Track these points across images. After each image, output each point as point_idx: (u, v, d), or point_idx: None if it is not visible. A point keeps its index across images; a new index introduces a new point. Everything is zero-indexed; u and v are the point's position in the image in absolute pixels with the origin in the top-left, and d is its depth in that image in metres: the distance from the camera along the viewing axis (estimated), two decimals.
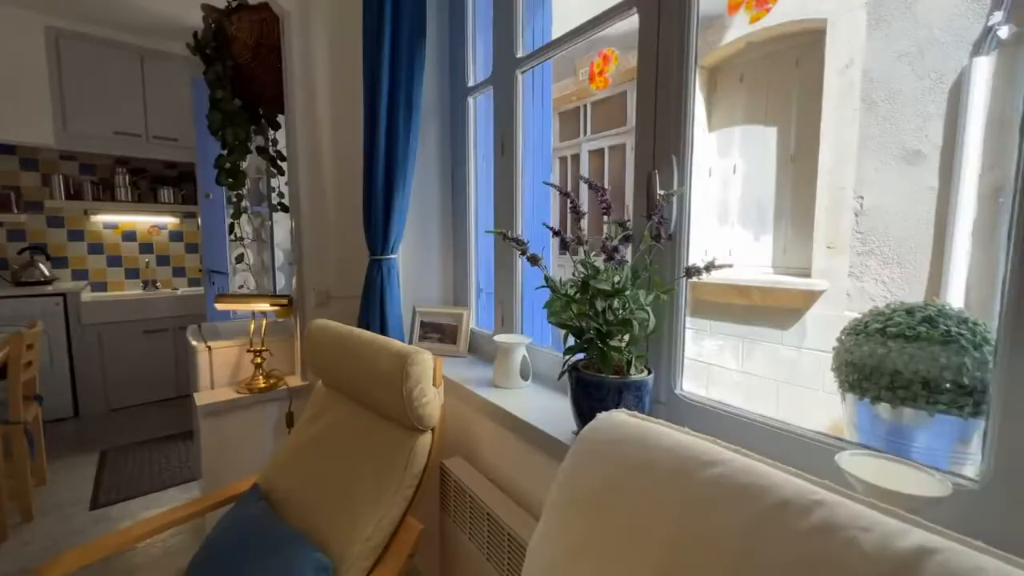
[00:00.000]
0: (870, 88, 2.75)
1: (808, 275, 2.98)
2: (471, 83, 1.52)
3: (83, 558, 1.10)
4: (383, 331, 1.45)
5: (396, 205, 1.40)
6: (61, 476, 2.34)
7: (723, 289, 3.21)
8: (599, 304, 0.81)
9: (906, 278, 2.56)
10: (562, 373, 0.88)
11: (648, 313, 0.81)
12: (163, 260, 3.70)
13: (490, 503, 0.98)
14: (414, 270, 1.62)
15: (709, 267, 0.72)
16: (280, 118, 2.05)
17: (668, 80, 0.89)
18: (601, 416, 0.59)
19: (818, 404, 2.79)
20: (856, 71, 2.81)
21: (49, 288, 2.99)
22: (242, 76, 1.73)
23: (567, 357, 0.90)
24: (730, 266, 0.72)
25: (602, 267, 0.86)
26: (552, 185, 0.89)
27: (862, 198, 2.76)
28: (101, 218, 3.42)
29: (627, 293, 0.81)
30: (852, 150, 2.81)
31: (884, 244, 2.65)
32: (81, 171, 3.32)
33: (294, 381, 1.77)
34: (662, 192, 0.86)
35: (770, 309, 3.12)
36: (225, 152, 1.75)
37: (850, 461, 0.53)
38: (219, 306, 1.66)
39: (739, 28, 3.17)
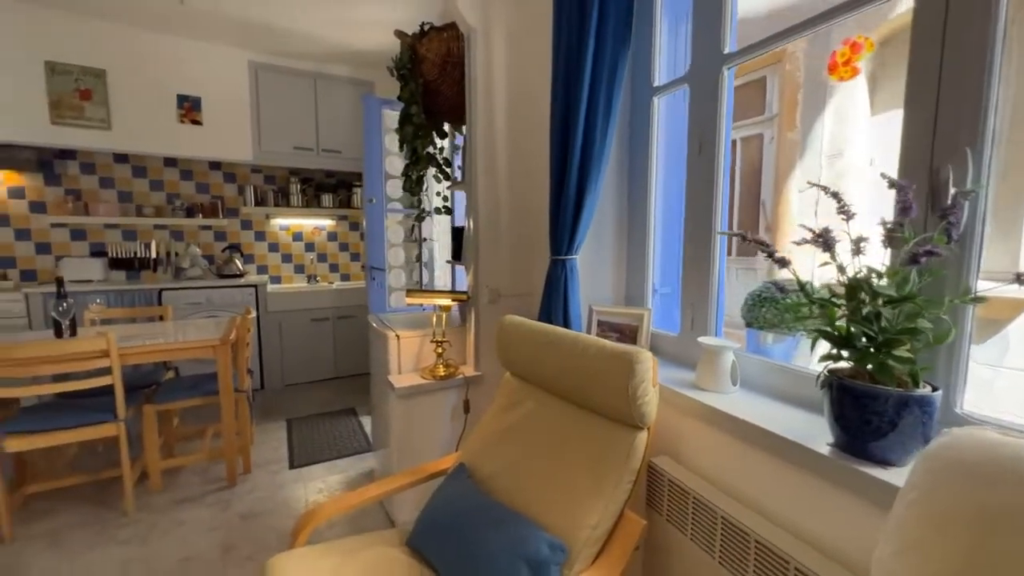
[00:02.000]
0: None
1: (1016, 280, 2.50)
2: (657, 83, 1.51)
3: (334, 509, 1.30)
4: (566, 328, 1.50)
5: (585, 207, 1.44)
6: (262, 439, 2.80)
7: None
8: (883, 311, 0.76)
9: None
10: (825, 383, 0.84)
11: (949, 322, 0.74)
12: (321, 257, 4.24)
13: (725, 507, 0.97)
14: (588, 269, 1.66)
15: None
16: (446, 127, 2.23)
17: (959, 64, 0.80)
18: (955, 433, 0.56)
19: None
20: None
21: (242, 280, 3.57)
22: (428, 92, 1.90)
23: (826, 364, 0.86)
24: None
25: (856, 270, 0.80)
26: (817, 186, 0.85)
27: None
28: (278, 221, 4.01)
29: (918, 300, 0.75)
30: None
31: None
32: (265, 181, 3.92)
33: (467, 370, 1.92)
34: (955, 190, 0.78)
35: None
36: (412, 162, 1.94)
37: None
38: (408, 300, 1.86)
39: None
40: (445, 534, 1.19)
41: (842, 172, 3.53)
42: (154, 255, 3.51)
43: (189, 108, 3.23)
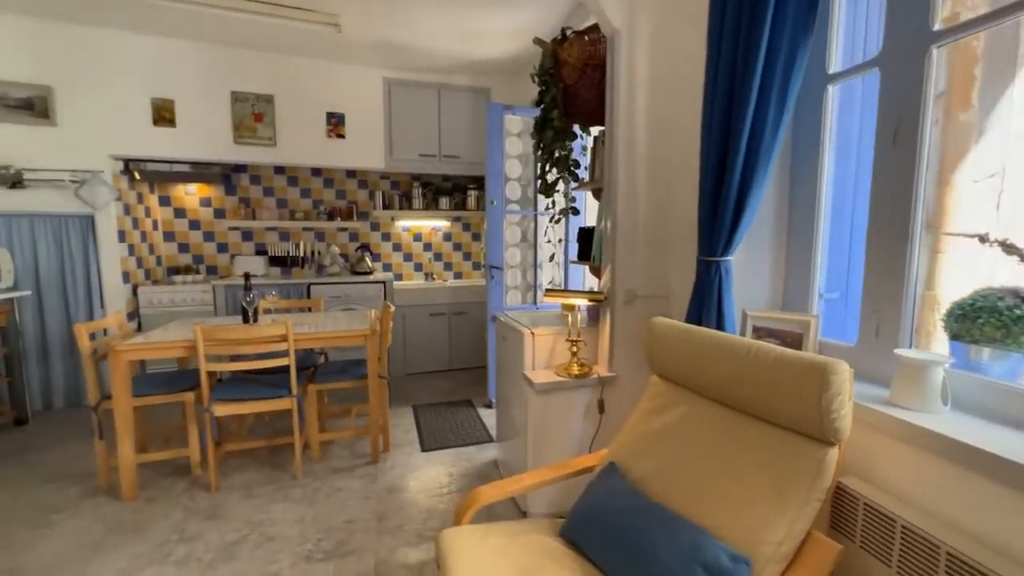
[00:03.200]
0: None
1: None
2: (833, 69, 1.39)
3: (493, 494, 1.39)
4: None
5: (748, 207, 1.37)
6: (393, 421, 3.07)
7: None
8: None
9: None
10: None
11: None
12: (437, 256, 4.53)
13: (951, 541, 0.87)
14: (739, 272, 1.57)
15: None
16: (575, 129, 2.26)
17: None
18: None
19: None
20: None
21: (372, 277, 3.94)
22: (566, 95, 1.94)
23: None
24: None
25: None
26: None
27: None
28: (401, 223, 4.37)
29: None
30: None
31: None
32: (391, 187, 4.29)
33: (601, 370, 1.93)
34: None
35: None
36: (549, 164, 2.00)
37: None
38: (546, 299, 1.92)
39: None
40: (604, 529, 1.22)
41: None
42: (302, 254, 4.03)
43: (335, 124, 3.65)
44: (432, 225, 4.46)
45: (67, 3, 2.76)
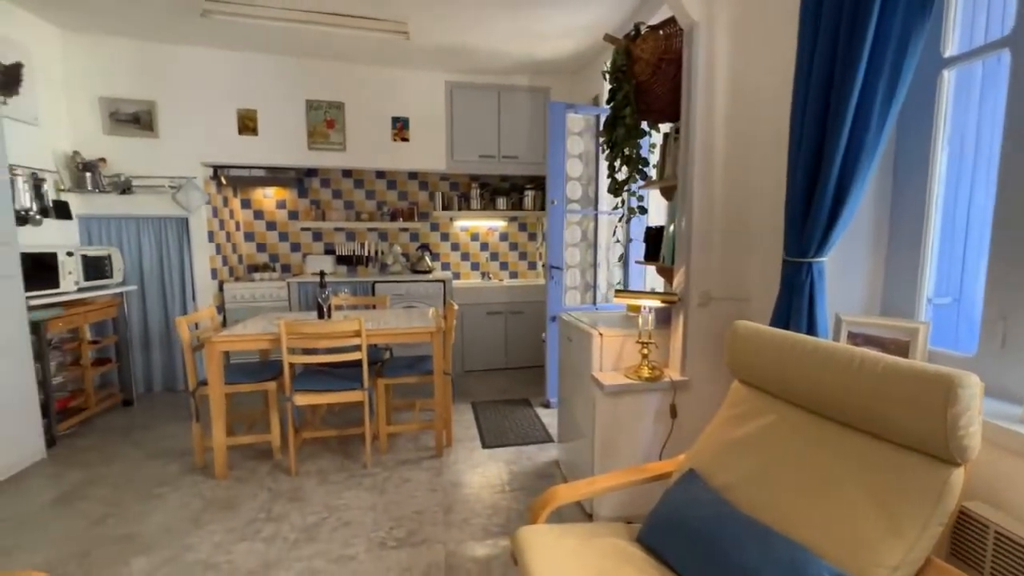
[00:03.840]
0: None
1: None
2: (950, 52, 1.27)
3: (569, 495, 1.39)
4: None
5: (847, 205, 1.28)
6: (454, 417, 3.14)
7: None
8: None
9: None
10: None
11: None
12: (493, 256, 4.58)
13: None
14: (829, 272, 1.47)
15: None
16: (644, 126, 2.20)
17: None
18: None
19: None
20: None
21: (431, 276, 4.05)
22: (639, 92, 1.90)
23: None
24: None
25: None
26: None
27: None
28: (459, 223, 4.46)
29: None
30: None
31: None
32: (451, 188, 4.39)
33: (672, 374, 1.87)
34: None
35: None
36: (620, 163, 1.96)
37: None
38: (617, 299, 1.89)
39: None
40: (687, 537, 1.18)
41: None
42: (367, 253, 4.22)
43: (400, 128, 3.79)
44: (489, 225, 4.51)
45: (168, 25, 3.04)
